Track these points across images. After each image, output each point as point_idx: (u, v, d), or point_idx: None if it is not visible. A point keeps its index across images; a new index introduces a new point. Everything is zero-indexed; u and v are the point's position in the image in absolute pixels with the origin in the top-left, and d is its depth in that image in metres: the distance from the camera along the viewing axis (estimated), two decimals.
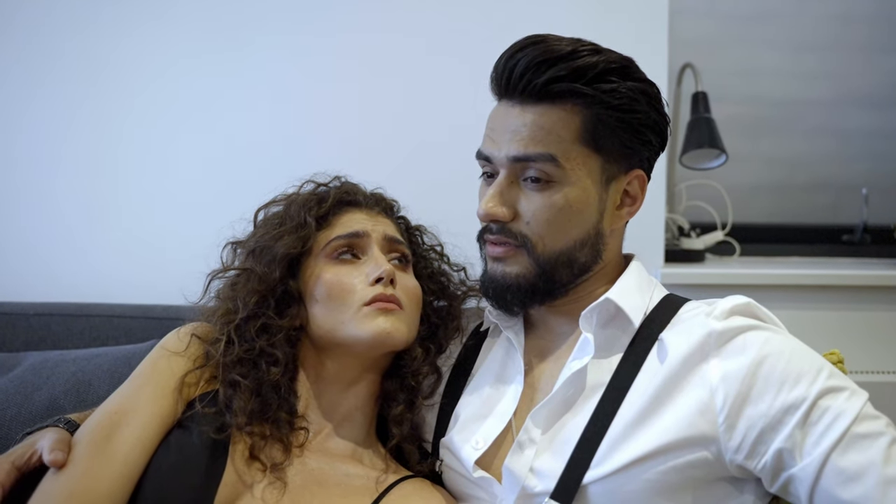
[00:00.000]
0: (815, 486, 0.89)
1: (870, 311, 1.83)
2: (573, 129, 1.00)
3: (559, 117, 1.00)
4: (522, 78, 1.00)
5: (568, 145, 1.00)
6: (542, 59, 0.99)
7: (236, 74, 1.71)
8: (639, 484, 0.93)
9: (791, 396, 0.91)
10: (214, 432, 1.00)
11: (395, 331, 1.05)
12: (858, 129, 2.32)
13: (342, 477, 1.04)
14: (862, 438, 0.88)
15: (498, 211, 1.02)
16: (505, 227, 1.03)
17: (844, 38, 2.30)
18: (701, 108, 1.92)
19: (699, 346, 0.96)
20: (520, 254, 1.04)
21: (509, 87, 1.02)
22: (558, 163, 1.00)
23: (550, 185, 1.01)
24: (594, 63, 0.99)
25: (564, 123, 1.00)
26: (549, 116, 1.00)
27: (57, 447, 0.95)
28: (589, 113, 1.00)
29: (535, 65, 0.99)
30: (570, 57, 0.99)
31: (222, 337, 1.05)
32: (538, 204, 1.01)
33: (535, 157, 1.00)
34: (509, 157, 1.02)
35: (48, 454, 0.95)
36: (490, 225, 1.05)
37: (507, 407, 1.06)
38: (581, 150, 1.01)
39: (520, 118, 1.01)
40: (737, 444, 0.92)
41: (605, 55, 1.01)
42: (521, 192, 1.03)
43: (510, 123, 1.02)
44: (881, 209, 2.19)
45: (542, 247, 1.03)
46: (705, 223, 2.04)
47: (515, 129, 1.01)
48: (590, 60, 0.99)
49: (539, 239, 1.02)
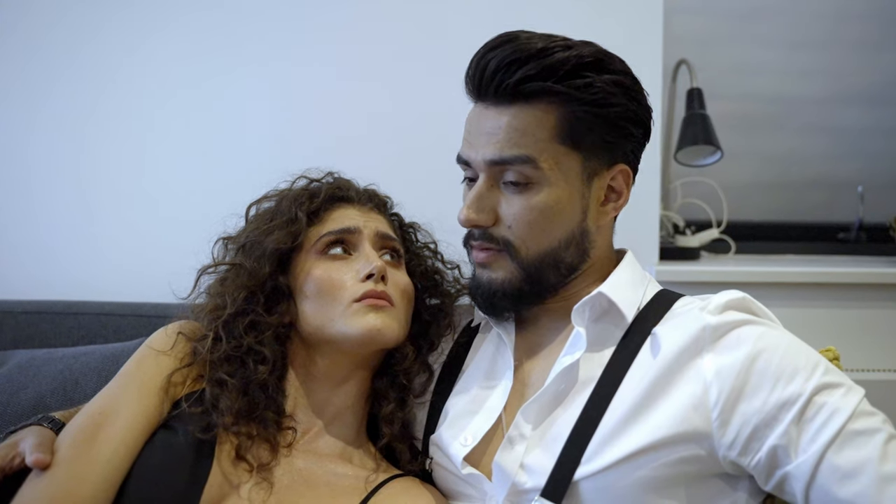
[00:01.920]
0: (811, 483, 0.88)
1: (866, 308, 1.82)
2: (549, 129, 0.99)
3: (534, 117, 0.98)
4: (494, 79, 0.98)
5: (545, 145, 0.99)
6: (513, 58, 0.97)
7: (227, 72, 1.70)
8: (630, 480, 0.92)
9: (786, 392, 0.90)
10: (200, 432, 0.99)
11: (386, 328, 1.04)
12: (854, 126, 2.31)
13: (331, 477, 1.03)
14: (858, 435, 0.87)
15: (478, 217, 1.01)
16: (486, 233, 1.03)
17: (839, 35, 2.29)
18: (696, 105, 1.91)
19: (693, 341, 0.95)
20: (503, 258, 1.03)
21: (482, 89, 1.01)
22: (536, 164, 0.99)
23: (529, 187, 1.00)
24: (565, 59, 0.97)
25: (539, 123, 0.98)
26: (523, 117, 0.99)
27: (38, 449, 0.93)
28: (564, 111, 0.99)
29: (505, 65, 0.97)
30: (541, 55, 0.97)
31: (210, 333, 1.04)
32: (518, 207, 1.00)
33: (511, 160, 0.99)
34: (486, 160, 1.00)
35: (30, 456, 0.93)
36: (472, 230, 1.04)
37: (497, 403, 1.04)
38: (559, 149, 0.99)
39: (495, 120, 1.00)
40: (730, 441, 0.91)
41: (576, 50, 0.99)
42: (501, 196, 1.02)
43: (485, 126, 1.01)
44: (877, 207, 2.17)
45: (525, 250, 1.02)
46: (700, 221, 2.03)
47: (491, 131, 1.00)
48: (560, 56, 0.97)
49: (521, 242, 1.01)
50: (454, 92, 1.55)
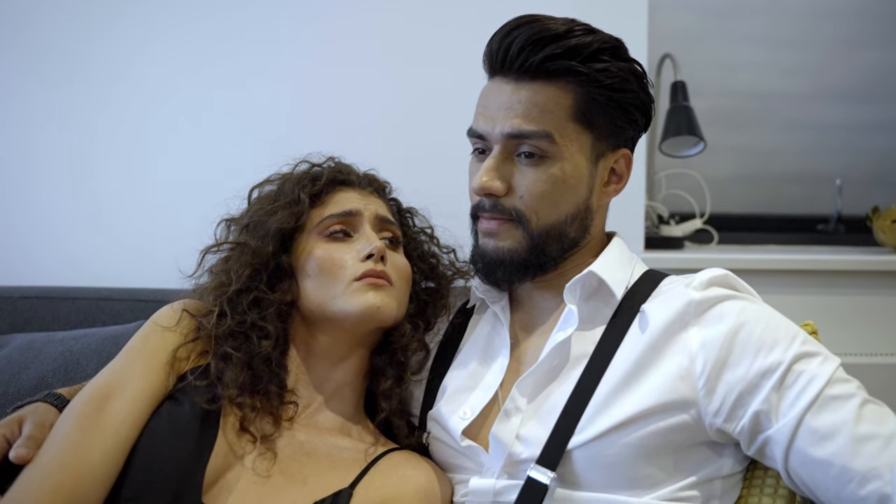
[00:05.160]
0: (791, 446, 0.92)
1: (843, 295, 1.88)
2: (567, 107, 1.03)
3: (553, 94, 1.03)
4: (519, 56, 1.02)
5: (562, 122, 1.03)
6: (539, 37, 1.01)
7: (226, 58, 1.72)
8: (621, 448, 0.96)
9: (767, 361, 0.95)
10: (206, 403, 1.02)
11: (385, 306, 1.08)
12: (833, 122, 2.36)
13: (331, 449, 1.06)
14: (834, 400, 0.92)
15: (493, 185, 1.04)
16: (498, 203, 1.06)
17: (820, 33, 2.34)
18: (680, 97, 1.95)
19: (679, 316, 1.00)
20: (513, 228, 1.06)
21: (504, 65, 1.04)
22: (553, 139, 1.03)
23: (544, 160, 1.04)
24: (588, 42, 1.02)
25: (558, 101, 1.03)
26: (543, 94, 1.03)
27: (25, 443, 0.95)
28: (582, 91, 1.03)
29: (531, 43, 1.01)
30: (566, 36, 1.02)
31: (215, 309, 1.07)
32: (532, 178, 1.04)
33: (530, 134, 1.03)
34: (504, 133, 1.04)
35: (13, 451, 0.94)
36: (483, 201, 1.07)
37: (494, 379, 1.09)
38: (574, 127, 1.04)
39: (514, 95, 1.03)
40: (716, 408, 0.96)
41: (598, 35, 1.04)
42: (515, 167, 1.05)
43: (504, 100, 1.04)
44: (854, 199, 2.22)
45: (535, 221, 1.05)
46: (684, 212, 2.08)
47: (510, 105, 1.03)
48: (585, 40, 1.02)
49: (533, 213, 1.05)
50: (450, 83, 1.61)
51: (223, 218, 1.18)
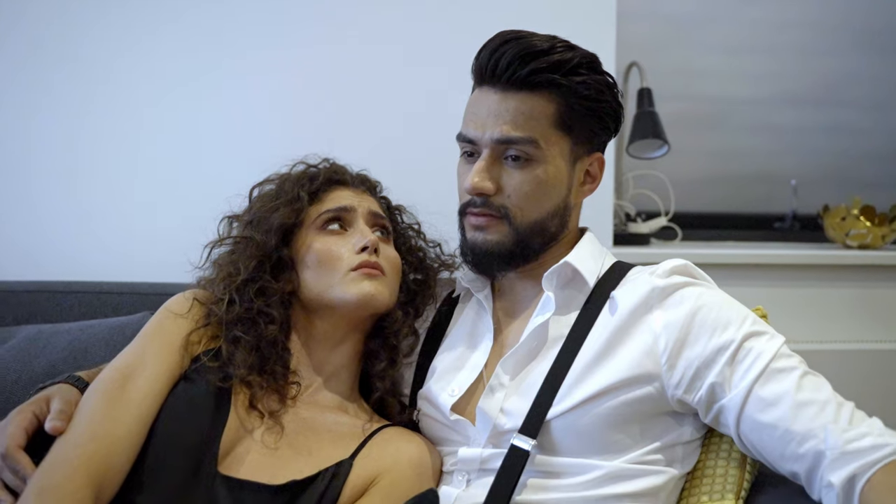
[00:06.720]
0: (741, 413, 1.04)
1: (797, 287, 2.00)
2: (549, 115, 1.14)
3: (538, 104, 1.14)
4: (507, 69, 1.13)
5: (545, 129, 1.14)
6: (525, 52, 1.12)
7: (220, 56, 1.77)
8: (593, 417, 1.08)
9: (721, 339, 1.07)
10: (220, 381, 1.11)
11: (379, 294, 1.18)
12: (789, 125, 2.46)
13: (332, 425, 1.17)
14: (778, 372, 1.04)
15: (485, 185, 1.15)
16: (487, 201, 1.16)
17: (779, 41, 2.44)
18: (646, 103, 2.06)
19: (644, 300, 1.11)
20: (500, 224, 1.17)
21: (494, 76, 1.15)
22: (538, 144, 1.14)
23: (530, 163, 1.15)
24: (570, 58, 1.14)
25: (542, 110, 1.14)
26: (529, 103, 1.14)
27: (58, 416, 1.02)
28: (563, 101, 1.14)
29: (518, 58, 1.12)
30: (550, 52, 1.13)
31: (224, 297, 1.16)
32: (518, 179, 1.15)
33: (517, 140, 1.13)
34: (494, 139, 1.15)
35: (49, 423, 1.02)
36: (474, 199, 1.17)
37: (479, 360, 1.20)
38: (555, 133, 1.15)
39: (502, 104, 1.14)
40: (677, 381, 1.08)
41: (577, 51, 1.16)
42: (503, 169, 1.16)
43: (493, 109, 1.15)
44: (809, 199, 2.33)
45: (520, 217, 1.16)
46: (650, 210, 2.16)
47: (499, 113, 1.14)
48: (566, 55, 1.14)
49: (518, 210, 1.16)
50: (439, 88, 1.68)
51: (225, 215, 1.28)
